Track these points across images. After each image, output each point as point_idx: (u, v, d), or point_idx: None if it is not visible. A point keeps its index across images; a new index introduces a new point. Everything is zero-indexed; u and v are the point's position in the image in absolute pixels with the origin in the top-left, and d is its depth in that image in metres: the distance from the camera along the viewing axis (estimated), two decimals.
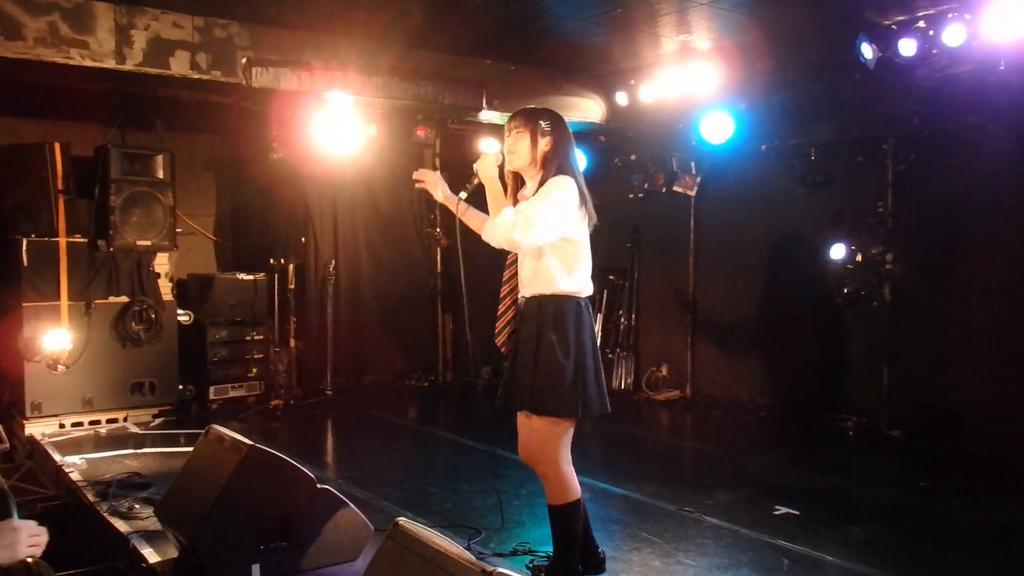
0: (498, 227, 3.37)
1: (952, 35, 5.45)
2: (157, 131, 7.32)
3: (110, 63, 5.35)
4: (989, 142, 5.95)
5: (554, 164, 3.48)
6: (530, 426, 3.52)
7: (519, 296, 3.58)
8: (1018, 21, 5.10)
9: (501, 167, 3.59)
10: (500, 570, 2.17)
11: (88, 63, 5.30)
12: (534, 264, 3.47)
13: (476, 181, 3.57)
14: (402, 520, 2.62)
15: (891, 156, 6.54)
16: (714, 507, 4.82)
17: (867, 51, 5.73)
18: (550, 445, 3.46)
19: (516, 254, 3.60)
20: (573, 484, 3.49)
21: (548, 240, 3.39)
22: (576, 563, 3.59)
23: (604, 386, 3.53)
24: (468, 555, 2.34)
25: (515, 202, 3.54)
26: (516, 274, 3.62)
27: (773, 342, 7.49)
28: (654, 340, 8.46)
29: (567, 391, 3.38)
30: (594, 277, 3.67)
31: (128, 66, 5.43)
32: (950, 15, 5.46)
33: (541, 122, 3.52)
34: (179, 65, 5.62)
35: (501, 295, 3.67)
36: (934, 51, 5.63)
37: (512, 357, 3.56)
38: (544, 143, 3.51)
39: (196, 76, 5.70)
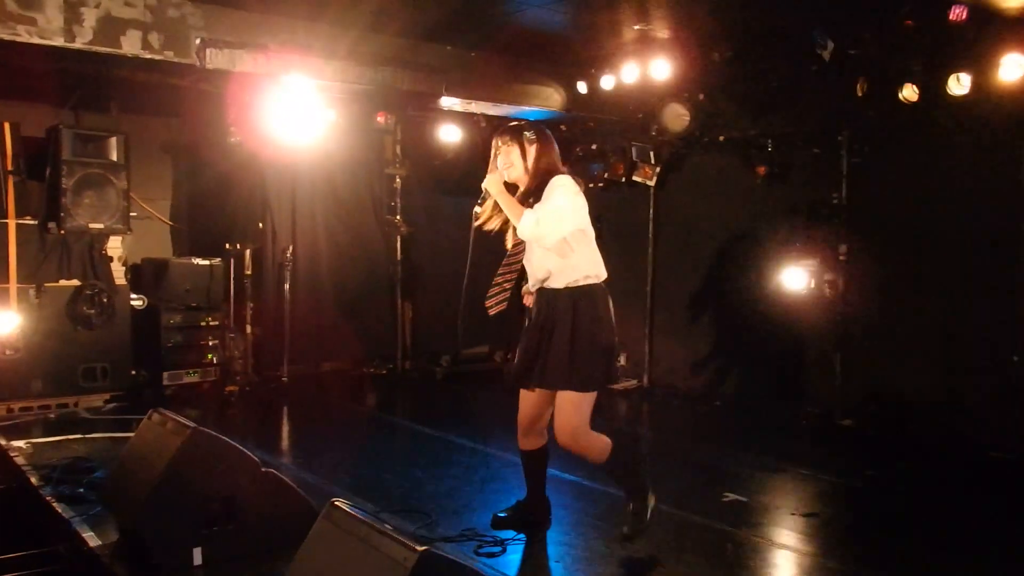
0: (524, 228, 3.75)
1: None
2: (111, 113, 7.21)
3: (59, 41, 5.25)
4: (941, 135, 6.05)
5: (544, 167, 3.87)
6: (561, 403, 3.80)
7: (546, 287, 3.87)
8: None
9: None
10: (429, 549, 2.17)
11: (36, 40, 5.19)
12: (560, 258, 3.81)
13: (490, 199, 3.91)
14: (338, 500, 2.61)
15: (846, 148, 6.61)
16: (663, 494, 4.78)
17: (823, 43, 5.79)
18: (583, 418, 3.79)
19: (523, 243, 3.91)
20: (603, 438, 3.87)
21: (567, 233, 3.75)
22: (648, 489, 3.97)
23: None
24: (400, 535, 2.34)
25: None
26: (519, 257, 3.97)
27: (730, 332, 7.56)
28: None
29: (601, 368, 3.81)
30: None
31: (77, 44, 5.33)
32: (904, 8, 5.53)
33: (526, 133, 3.90)
34: (130, 44, 5.52)
35: (500, 271, 4.00)
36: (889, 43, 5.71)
37: (539, 340, 3.84)
38: (532, 151, 3.89)
39: (148, 56, 5.61)
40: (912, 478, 5.46)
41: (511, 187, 3.91)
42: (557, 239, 3.73)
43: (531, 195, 3.83)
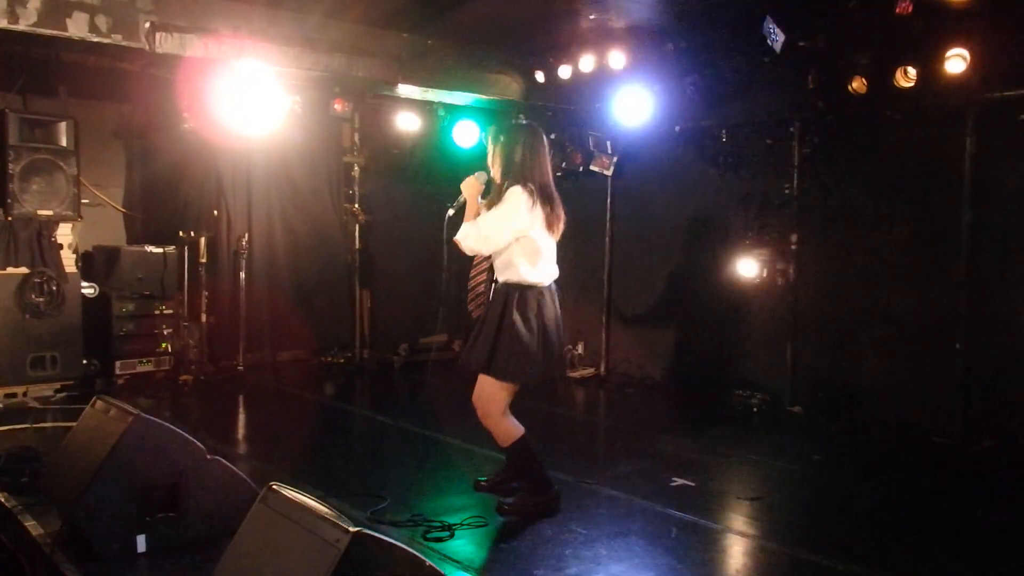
0: (461, 240, 4.01)
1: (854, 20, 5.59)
2: (60, 97, 7.08)
3: (2, 23, 5.12)
4: (888, 127, 6.15)
5: (508, 174, 3.99)
6: (481, 383, 4.07)
7: (496, 279, 4.12)
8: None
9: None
10: (363, 530, 2.18)
11: None
12: (506, 258, 4.02)
13: (461, 199, 4.08)
14: (275, 484, 2.61)
15: (797, 139, 6.70)
16: (613, 479, 4.91)
17: (774, 36, 5.84)
18: (493, 401, 4.05)
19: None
20: (514, 427, 4.10)
21: (503, 243, 3.95)
22: (545, 481, 4.22)
23: (556, 356, 4.16)
24: (336, 517, 2.34)
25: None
26: (489, 260, 4.24)
27: (684, 321, 7.63)
28: (570, 319, 8.41)
29: (518, 362, 3.96)
30: None
31: (21, 26, 5.21)
32: (851, 3, 5.61)
33: (501, 136, 4.03)
34: (77, 27, 5.41)
35: (472, 274, 4.42)
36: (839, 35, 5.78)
37: (478, 327, 4.11)
38: (501, 156, 4.01)
39: (95, 39, 5.49)
40: (858, 463, 5.56)
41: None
42: (490, 251, 4.00)
43: (495, 198, 4.00)
